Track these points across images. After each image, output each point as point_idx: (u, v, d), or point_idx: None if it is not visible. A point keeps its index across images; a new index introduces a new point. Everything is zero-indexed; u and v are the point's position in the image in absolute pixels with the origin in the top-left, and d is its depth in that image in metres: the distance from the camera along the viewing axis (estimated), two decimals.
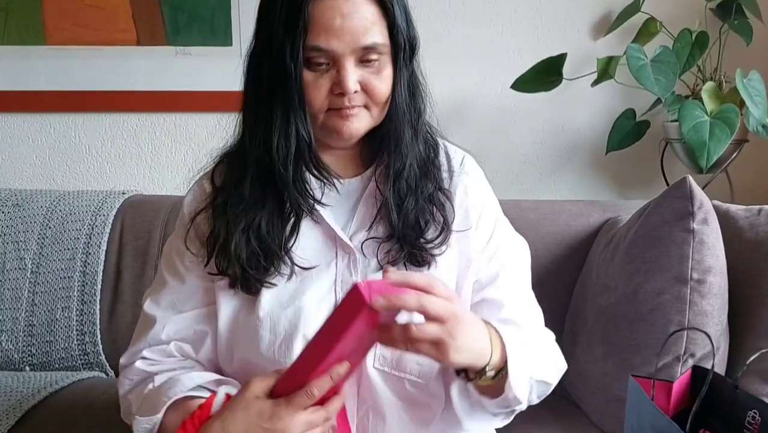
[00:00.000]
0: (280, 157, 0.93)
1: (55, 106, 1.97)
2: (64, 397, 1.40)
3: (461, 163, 1.02)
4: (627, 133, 1.78)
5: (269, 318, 0.93)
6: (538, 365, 0.94)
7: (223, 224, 0.95)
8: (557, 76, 1.77)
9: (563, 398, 1.45)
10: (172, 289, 1.01)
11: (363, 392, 0.95)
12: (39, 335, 1.60)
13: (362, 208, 0.98)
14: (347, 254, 0.96)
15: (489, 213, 1.02)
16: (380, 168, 0.97)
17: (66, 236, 1.65)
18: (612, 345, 1.25)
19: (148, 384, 0.96)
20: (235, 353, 0.96)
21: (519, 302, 1.01)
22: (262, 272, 0.94)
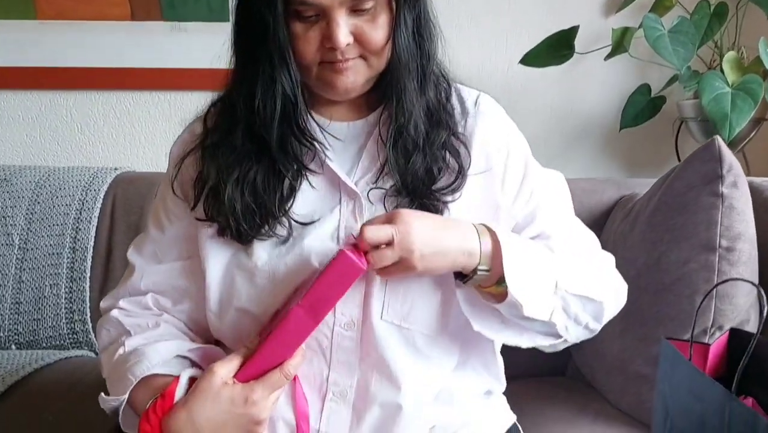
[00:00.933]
0: (263, 119, 0.87)
1: (45, 83, 1.92)
2: (48, 374, 1.35)
3: (476, 103, 0.95)
4: (642, 109, 1.72)
5: (267, 267, 0.87)
6: (573, 276, 0.88)
7: (213, 168, 0.89)
8: (569, 49, 1.71)
9: (576, 380, 1.40)
10: (154, 238, 0.97)
11: (367, 345, 0.88)
12: (26, 313, 1.55)
13: (367, 153, 0.91)
14: (352, 200, 0.90)
15: (517, 154, 0.95)
16: (386, 113, 0.90)
17: (55, 212, 1.60)
18: (632, 319, 1.18)
19: (119, 349, 0.91)
20: (230, 306, 0.90)
21: (562, 231, 0.95)
22: (256, 229, 0.88)
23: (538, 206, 0.95)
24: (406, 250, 0.80)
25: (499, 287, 0.84)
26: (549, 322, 0.87)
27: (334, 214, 0.89)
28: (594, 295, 0.90)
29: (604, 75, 1.85)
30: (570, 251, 0.93)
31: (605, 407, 1.23)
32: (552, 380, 1.41)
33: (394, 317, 0.87)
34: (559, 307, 0.87)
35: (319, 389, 0.88)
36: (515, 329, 0.89)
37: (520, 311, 0.84)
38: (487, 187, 0.92)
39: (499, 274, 0.83)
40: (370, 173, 0.90)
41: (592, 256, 0.97)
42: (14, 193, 1.62)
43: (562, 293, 0.87)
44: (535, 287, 0.85)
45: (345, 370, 0.88)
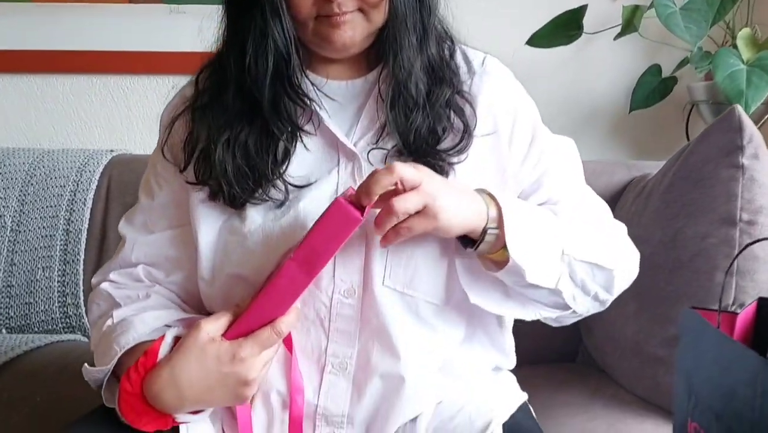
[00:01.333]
0: (255, 77, 0.82)
1: (41, 66, 1.88)
2: (38, 357, 1.32)
3: (482, 63, 0.90)
4: (653, 90, 1.68)
5: (261, 230, 0.83)
6: (581, 243, 0.84)
7: (203, 128, 0.85)
8: (577, 29, 1.66)
9: (587, 365, 1.35)
10: (144, 207, 0.93)
11: (367, 313, 0.84)
12: (18, 297, 1.51)
13: (367, 113, 0.87)
14: (351, 162, 0.85)
15: (525, 116, 0.91)
16: (386, 70, 0.86)
17: (49, 193, 1.57)
18: (646, 299, 1.13)
19: (107, 320, 0.87)
20: (222, 272, 0.86)
21: (572, 198, 0.91)
22: (249, 192, 0.84)
23: (546, 172, 0.91)
24: (431, 196, 0.75)
25: (504, 252, 0.80)
26: (555, 290, 0.82)
27: (332, 176, 0.85)
28: (604, 262, 0.85)
29: (613, 56, 1.81)
30: (579, 217, 0.89)
31: (619, 392, 1.19)
32: (562, 366, 1.36)
33: (396, 283, 0.83)
34: (565, 274, 0.83)
35: (317, 362, 0.84)
36: (518, 300, 0.85)
37: (522, 278, 0.80)
38: (494, 151, 0.88)
39: (503, 238, 0.79)
40: (369, 133, 0.86)
41: (602, 223, 0.92)
42: (7, 175, 1.59)
43: (568, 260, 0.83)
44: (539, 251, 0.81)
45: (344, 340, 0.84)
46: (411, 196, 0.75)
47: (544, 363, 1.35)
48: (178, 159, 0.88)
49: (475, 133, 0.86)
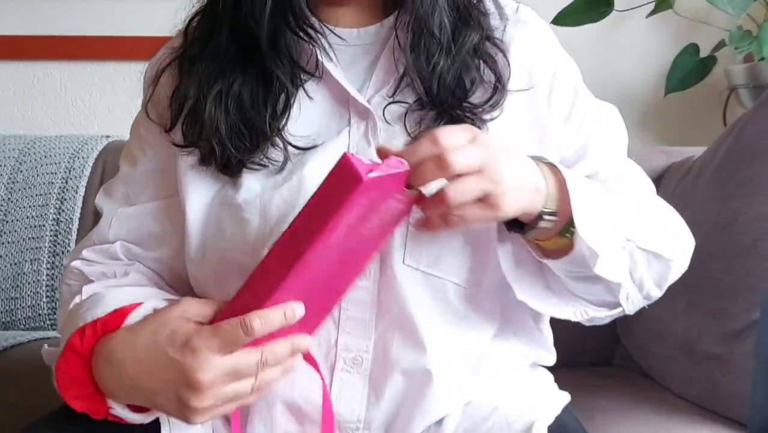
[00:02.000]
0: (251, 9, 0.71)
1: (37, 52, 1.81)
2: (16, 354, 1.22)
3: (516, 11, 0.79)
4: (690, 71, 1.57)
5: (258, 201, 0.71)
6: (640, 227, 0.73)
7: (193, 81, 0.74)
8: (607, 6, 1.56)
9: (626, 369, 1.23)
10: (125, 176, 0.81)
11: (386, 297, 0.71)
12: (3, 291, 1.42)
13: (383, 63, 0.75)
14: (364, 121, 0.73)
15: (565, 73, 0.79)
16: (402, 14, 0.74)
17: (39, 180, 1.47)
18: (699, 292, 1.02)
19: (75, 298, 0.75)
20: (213, 251, 0.74)
21: (620, 173, 0.79)
22: (245, 152, 0.72)
23: (591, 139, 0.79)
24: (494, 180, 0.62)
25: (561, 238, 0.68)
26: (614, 284, 0.71)
27: (342, 138, 0.73)
28: (663, 251, 0.74)
29: (645, 36, 1.70)
30: (634, 196, 0.77)
31: (667, 397, 1.07)
32: (597, 369, 1.25)
33: (419, 262, 0.71)
34: (626, 265, 0.72)
35: (325, 357, 0.72)
36: (562, 296, 0.74)
37: (587, 268, 0.68)
38: (531, 109, 0.76)
39: (564, 220, 0.67)
40: (386, 87, 0.74)
41: (657, 204, 0.81)
42: None
43: (631, 248, 0.72)
44: (606, 237, 0.69)
45: (358, 330, 0.71)
46: (470, 183, 0.61)
47: (575, 367, 1.23)
48: (164, 118, 0.77)
49: (509, 88, 0.74)
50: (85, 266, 0.79)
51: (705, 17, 1.58)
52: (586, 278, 0.70)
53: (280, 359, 0.63)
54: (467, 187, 0.61)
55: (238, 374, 0.62)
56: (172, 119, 0.76)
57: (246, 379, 0.62)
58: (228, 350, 0.61)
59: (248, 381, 0.62)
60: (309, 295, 0.63)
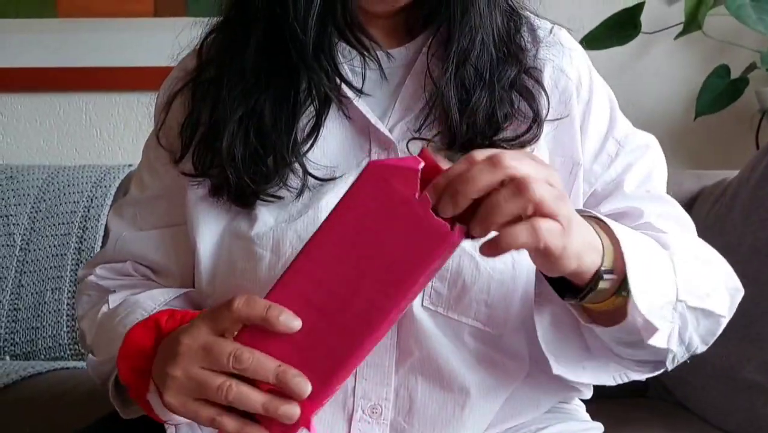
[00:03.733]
0: (297, 13, 0.67)
1: (63, 84, 1.82)
2: (35, 384, 1.21)
3: (551, 32, 0.75)
4: (720, 93, 1.54)
5: (271, 234, 0.68)
6: (693, 284, 0.66)
7: (206, 108, 0.71)
8: (633, 29, 1.54)
9: (662, 400, 1.18)
10: (133, 199, 0.80)
11: (406, 340, 0.67)
12: (24, 321, 1.42)
13: (407, 91, 0.72)
14: (385, 151, 0.71)
15: (601, 98, 0.75)
16: (435, 39, 0.71)
17: (62, 210, 1.48)
18: (737, 317, 0.96)
19: (102, 307, 0.73)
20: (225, 284, 0.71)
21: (658, 209, 0.73)
22: (261, 181, 0.69)
23: (627, 171, 0.74)
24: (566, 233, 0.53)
25: (616, 298, 0.61)
26: (662, 349, 0.64)
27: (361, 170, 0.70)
28: (716, 308, 0.68)
29: (673, 58, 1.67)
30: (683, 241, 0.70)
31: (704, 428, 1.04)
32: (631, 400, 1.19)
33: (438, 305, 0.67)
34: (675, 328, 0.65)
35: (342, 407, 0.68)
36: (601, 360, 0.68)
37: (638, 337, 0.62)
38: (562, 136, 0.73)
39: (620, 278, 0.60)
40: (410, 116, 0.71)
41: (705, 249, 0.73)
42: (19, 191, 1.51)
43: (681, 309, 0.65)
44: (661, 304, 0.62)
45: (377, 377, 0.68)
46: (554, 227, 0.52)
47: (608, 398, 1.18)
48: (175, 146, 0.75)
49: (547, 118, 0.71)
50: (99, 280, 0.78)
51: (735, 38, 1.55)
52: (634, 343, 0.64)
53: (259, 368, 0.53)
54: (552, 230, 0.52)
55: (210, 355, 0.54)
56: (182, 149, 0.73)
57: (216, 375, 0.54)
58: (213, 325, 0.55)
59: (217, 377, 0.54)
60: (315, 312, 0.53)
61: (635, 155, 0.75)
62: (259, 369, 0.53)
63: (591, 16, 1.61)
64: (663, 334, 0.63)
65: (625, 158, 0.75)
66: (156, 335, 0.62)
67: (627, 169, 0.74)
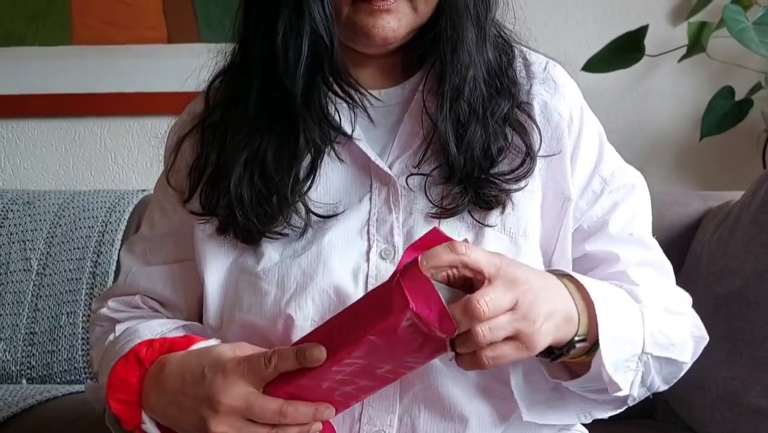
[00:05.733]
0: (286, 66, 0.70)
1: (79, 110, 1.85)
2: (51, 409, 1.22)
3: (545, 69, 0.77)
4: (725, 114, 1.54)
5: (277, 270, 0.71)
6: (661, 337, 0.72)
7: (213, 150, 0.74)
8: (638, 51, 1.56)
9: (668, 423, 1.19)
10: (144, 236, 0.83)
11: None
12: (40, 344, 1.43)
13: (406, 127, 0.75)
14: (385, 186, 0.73)
15: (590, 133, 0.77)
16: (429, 77, 0.74)
17: (77, 234, 1.50)
18: (740, 340, 0.99)
19: (109, 336, 0.77)
20: (232, 319, 0.74)
21: (637, 255, 0.76)
22: (267, 222, 0.72)
23: (614, 209, 0.76)
24: (527, 318, 0.60)
25: (585, 357, 0.68)
26: (626, 395, 0.71)
27: (363, 205, 0.73)
28: (679, 355, 0.73)
29: (678, 80, 1.68)
30: (654, 293, 0.74)
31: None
32: (637, 423, 1.19)
33: None
34: (638, 376, 0.71)
35: (349, 431, 0.70)
36: (567, 401, 0.73)
37: (602, 387, 0.69)
38: (555, 175, 0.75)
39: (591, 342, 0.67)
40: (407, 153, 0.74)
41: (676, 299, 0.78)
42: (36, 216, 1.53)
43: (646, 359, 0.71)
44: (626, 357, 0.69)
45: (382, 405, 0.70)
46: (502, 323, 0.59)
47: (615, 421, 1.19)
48: (183, 187, 0.78)
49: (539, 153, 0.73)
50: (111, 313, 0.81)
51: (739, 60, 1.56)
52: (599, 391, 0.69)
53: (300, 417, 0.63)
54: (499, 325, 0.59)
55: (254, 412, 0.62)
56: (190, 189, 0.76)
57: (262, 427, 0.63)
58: (253, 379, 0.62)
59: (264, 430, 0.63)
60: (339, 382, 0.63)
61: (620, 194, 0.77)
62: (300, 417, 0.62)
63: (595, 38, 1.62)
64: (626, 383, 0.68)
65: (610, 197, 0.77)
66: (138, 367, 0.67)
67: (612, 209, 0.76)
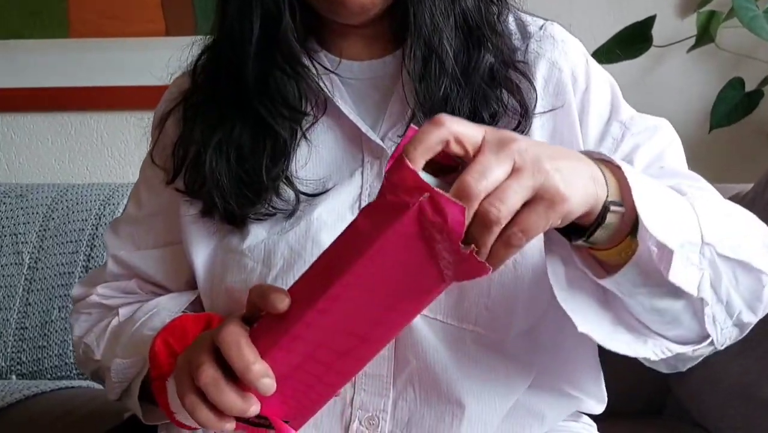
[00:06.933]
0: (238, 46, 0.68)
1: (75, 103, 1.84)
2: (39, 404, 1.20)
3: (541, 28, 0.73)
4: (735, 106, 1.52)
5: (263, 246, 0.68)
6: (721, 229, 0.57)
7: (197, 129, 0.71)
8: (645, 42, 1.53)
9: (678, 420, 1.15)
10: (130, 217, 0.80)
11: (403, 351, 0.66)
12: (31, 340, 1.41)
13: (397, 98, 0.71)
14: (377, 160, 0.70)
15: (600, 87, 0.73)
16: (414, 40, 0.69)
17: (70, 228, 1.48)
18: (754, 333, 0.93)
19: (111, 320, 0.73)
20: (217, 296, 0.71)
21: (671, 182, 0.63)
22: (247, 205, 0.69)
23: (634, 152, 0.69)
24: (538, 169, 0.47)
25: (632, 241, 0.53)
26: (695, 300, 0.57)
27: (355, 180, 0.69)
28: (754, 261, 0.58)
29: (686, 71, 1.65)
30: (706, 195, 0.63)
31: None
32: (646, 420, 1.17)
33: (437, 312, 0.66)
34: (707, 277, 0.57)
35: (340, 417, 0.67)
36: (635, 332, 0.59)
37: (658, 277, 0.54)
38: (561, 130, 0.70)
39: (631, 218, 0.53)
40: (401, 122, 0.70)
41: (737, 207, 0.64)
42: (28, 209, 1.51)
43: (710, 254, 0.56)
44: (678, 233, 0.54)
45: (375, 388, 0.67)
46: (511, 186, 0.46)
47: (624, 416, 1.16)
48: (168, 165, 0.75)
49: (537, 111, 0.69)
50: (103, 300, 0.78)
51: (750, 51, 1.53)
52: (662, 298, 0.56)
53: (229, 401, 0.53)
54: (511, 187, 0.46)
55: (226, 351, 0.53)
56: (175, 169, 0.73)
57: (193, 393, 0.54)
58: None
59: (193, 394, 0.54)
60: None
61: (643, 137, 0.71)
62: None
63: (602, 29, 1.60)
64: (687, 271, 0.55)
65: (632, 140, 0.70)
66: (204, 328, 0.63)
67: (634, 150, 0.70)
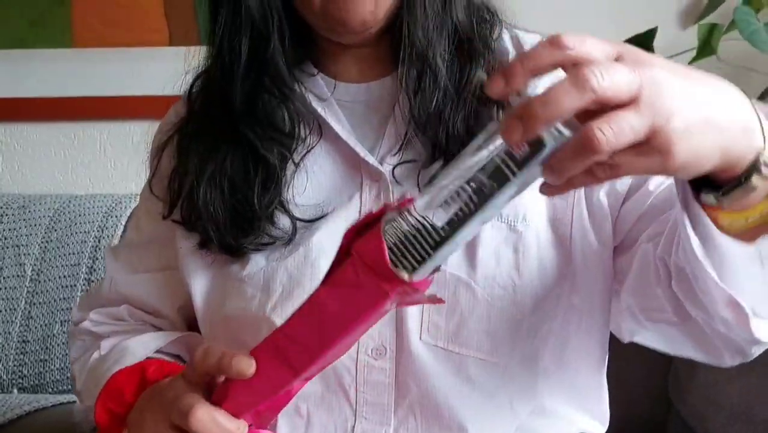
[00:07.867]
0: (226, 68, 0.67)
1: (78, 113, 1.84)
2: (40, 419, 1.20)
3: None
4: None
5: (262, 274, 0.67)
6: None
7: (191, 162, 0.70)
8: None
9: None
10: (129, 242, 0.81)
11: (404, 378, 0.66)
12: (33, 353, 1.40)
13: (395, 121, 0.70)
14: (376, 183, 0.69)
15: None
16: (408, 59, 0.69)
17: (72, 240, 1.47)
18: None
19: (93, 353, 0.73)
20: (218, 324, 0.71)
21: None
22: (242, 237, 0.68)
23: None
24: (660, 114, 0.40)
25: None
26: None
27: (353, 203, 0.69)
28: None
29: None
30: None
31: None
32: None
33: (438, 338, 0.65)
34: None
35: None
36: None
37: None
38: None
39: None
40: (397, 145, 0.70)
41: None
42: (31, 221, 1.51)
43: None
44: None
45: (376, 416, 0.66)
46: (626, 118, 0.39)
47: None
48: (166, 196, 0.74)
49: None
50: (93, 326, 0.78)
51: (751, 63, 1.52)
52: None
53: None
54: (622, 123, 0.39)
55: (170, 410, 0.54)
56: (171, 202, 0.72)
57: None
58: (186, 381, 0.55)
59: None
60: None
61: None
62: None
63: None
64: None
65: None
66: (139, 382, 0.63)
67: None
